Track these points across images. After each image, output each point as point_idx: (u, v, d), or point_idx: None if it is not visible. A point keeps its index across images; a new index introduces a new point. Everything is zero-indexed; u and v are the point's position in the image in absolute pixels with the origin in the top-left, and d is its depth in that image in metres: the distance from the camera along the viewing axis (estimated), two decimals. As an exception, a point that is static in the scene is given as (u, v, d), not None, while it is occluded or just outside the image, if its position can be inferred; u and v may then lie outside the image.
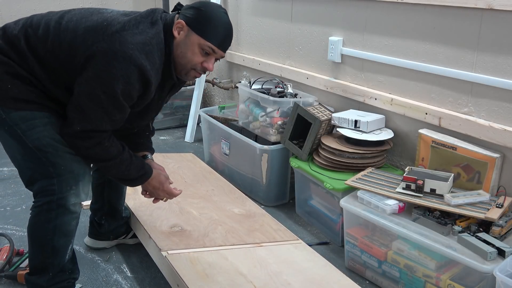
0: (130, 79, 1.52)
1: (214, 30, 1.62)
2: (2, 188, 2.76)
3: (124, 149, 1.68)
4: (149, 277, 2.02)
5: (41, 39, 1.58)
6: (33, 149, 1.59)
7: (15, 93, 1.57)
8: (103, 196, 2.08)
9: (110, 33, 1.52)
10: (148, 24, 1.58)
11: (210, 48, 1.62)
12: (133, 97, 1.58)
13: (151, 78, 1.56)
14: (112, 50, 1.50)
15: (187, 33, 1.61)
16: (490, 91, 1.97)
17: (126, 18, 1.59)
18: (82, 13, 1.63)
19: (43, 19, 1.62)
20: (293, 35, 2.93)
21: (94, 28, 1.56)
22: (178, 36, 1.62)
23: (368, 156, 2.28)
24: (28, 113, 1.59)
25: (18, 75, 1.57)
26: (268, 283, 1.71)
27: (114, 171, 1.69)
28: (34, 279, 1.74)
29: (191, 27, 1.61)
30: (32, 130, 1.59)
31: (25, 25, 1.62)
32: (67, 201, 1.64)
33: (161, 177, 1.81)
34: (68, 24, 1.59)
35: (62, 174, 1.62)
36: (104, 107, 1.54)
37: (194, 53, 1.62)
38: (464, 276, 1.72)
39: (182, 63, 1.65)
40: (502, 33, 1.89)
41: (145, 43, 1.54)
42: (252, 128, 2.71)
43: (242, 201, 2.37)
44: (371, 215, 1.93)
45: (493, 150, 1.96)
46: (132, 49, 1.50)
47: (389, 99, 2.35)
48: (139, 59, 1.51)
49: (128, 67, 1.50)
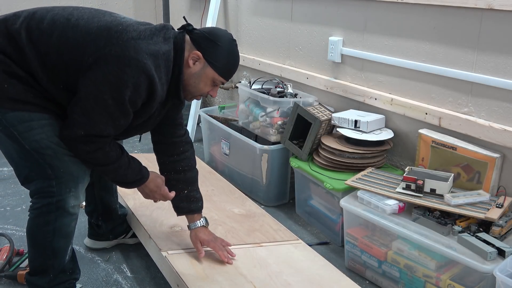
0: (140, 88, 1.51)
1: (228, 66, 1.67)
2: (2, 188, 2.76)
3: (123, 153, 1.67)
4: (149, 277, 2.02)
5: (45, 33, 1.54)
6: (31, 151, 1.57)
7: (12, 93, 1.53)
8: (95, 197, 2.06)
9: (126, 39, 1.51)
10: (161, 39, 1.58)
11: (221, 82, 1.69)
12: (138, 105, 1.57)
13: (157, 90, 1.56)
14: (126, 56, 1.48)
15: (203, 66, 1.64)
16: (490, 91, 1.97)
17: (141, 27, 1.57)
18: (92, 13, 1.61)
19: (49, 14, 1.58)
20: (293, 35, 2.93)
21: (108, 30, 1.53)
22: (193, 67, 1.63)
23: (368, 156, 2.28)
24: (25, 114, 1.55)
25: (15, 74, 1.53)
26: (268, 283, 1.71)
27: (112, 175, 1.68)
28: (35, 280, 1.74)
29: (208, 62, 1.63)
30: (29, 132, 1.56)
31: (27, 18, 1.57)
32: (66, 203, 1.63)
33: (158, 180, 1.79)
34: (79, 21, 1.55)
35: (61, 176, 1.60)
36: (110, 112, 1.52)
37: (206, 85, 1.67)
38: (464, 276, 1.72)
39: (191, 91, 1.68)
40: (502, 33, 1.89)
41: (157, 57, 1.54)
42: (252, 128, 2.71)
43: (242, 201, 2.37)
44: (371, 215, 1.93)
45: (493, 150, 1.96)
46: (146, 58, 1.50)
47: (389, 99, 2.35)
48: (151, 70, 1.51)
49: (140, 75, 1.49)
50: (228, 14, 3.52)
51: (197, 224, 1.84)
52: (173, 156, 1.83)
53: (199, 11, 3.83)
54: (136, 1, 4.28)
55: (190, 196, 1.85)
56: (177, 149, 1.83)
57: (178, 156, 1.83)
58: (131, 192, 2.28)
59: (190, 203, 1.85)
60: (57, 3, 3.82)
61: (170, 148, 1.83)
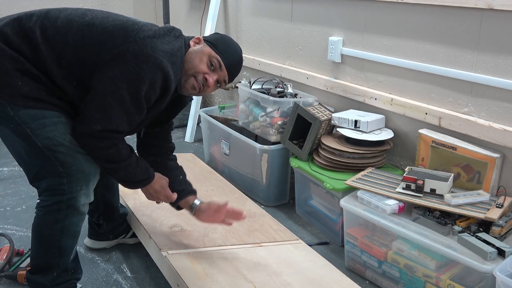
0: (155, 84, 1.55)
1: (227, 49, 1.71)
2: (2, 188, 2.76)
3: (132, 151, 1.69)
4: (149, 277, 2.02)
5: (60, 31, 1.56)
6: (43, 148, 1.57)
7: (25, 91, 1.55)
8: (96, 196, 2.05)
9: (142, 37, 1.56)
10: (173, 37, 1.64)
11: (218, 62, 1.68)
12: (152, 101, 1.61)
13: (171, 87, 1.60)
14: (144, 53, 1.52)
15: (202, 46, 1.71)
16: (490, 91, 1.97)
17: (155, 27, 1.64)
18: (105, 13, 1.66)
19: (62, 13, 1.61)
20: (293, 35, 2.93)
21: (125, 28, 1.58)
22: (192, 47, 1.70)
23: (368, 156, 2.28)
24: (38, 112, 1.57)
25: (28, 72, 1.55)
26: (268, 283, 1.71)
27: (122, 173, 1.68)
28: (37, 278, 1.73)
29: (207, 43, 1.71)
30: (42, 129, 1.57)
31: (41, 17, 1.59)
32: (77, 201, 1.64)
33: (162, 181, 1.82)
34: (94, 20, 1.60)
35: (73, 174, 1.61)
36: (127, 108, 1.55)
37: (201, 61, 1.68)
38: (464, 276, 1.72)
39: (186, 69, 1.67)
40: (502, 33, 1.89)
41: (172, 54, 1.59)
42: (252, 128, 2.71)
43: (242, 201, 2.37)
44: (371, 215, 1.93)
45: (493, 150, 1.96)
46: (162, 56, 1.55)
47: (389, 99, 2.35)
48: (167, 67, 1.55)
49: (156, 72, 1.54)
50: (228, 14, 3.52)
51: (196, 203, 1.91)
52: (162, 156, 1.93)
53: (199, 11, 3.83)
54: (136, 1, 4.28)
55: (186, 180, 1.95)
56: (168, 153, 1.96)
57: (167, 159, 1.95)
58: (131, 192, 2.28)
59: (187, 185, 1.94)
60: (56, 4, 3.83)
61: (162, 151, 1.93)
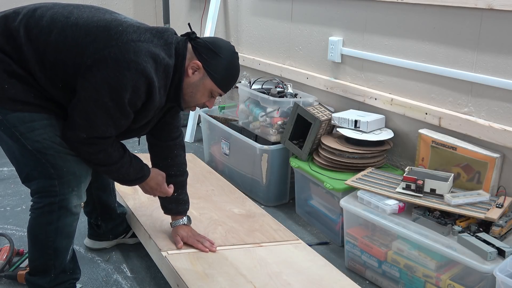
0: (139, 90, 1.51)
1: (228, 79, 1.68)
2: (2, 188, 2.76)
3: (125, 152, 1.67)
4: (149, 277, 2.02)
5: (44, 31, 1.52)
6: (33, 151, 1.56)
7: (12, 94, 1.52)
8: (92, 197, 2.05)
9: (125, 41, 1.49)
10: (163, 42, 1.56)
11: (219, 94, 1.69)
12: (138, 105, 1.57)
13: (156, 93, 1.55)
14: (126, 59, 1.47)
15: (202, 76, 1.63)
16: (490, 91, 1.97)
17: (142, 28, 1.56)
18: (92, 12, 1.59)
19: (49, 12, 1.56)
20: (293, 35, 2.93)
21: (108, 30, 1.51)
22: (191, 76, 1.63)
23: (368, 156, 2.28)
24: (26, 115, 1.54)
25: (15, 73, 1.52)
26: (268, 283, 1.71)
27: (115, 174, 1.69)
28: (35, 279, 1.74)
29: (207, 72, 1.63)
30: (31, 132, 1.55)
31: (27, 16, 1.55)
32: (69, 202, 1.63)
33: (159, 177, 1.81)
34: (78, 20, 1.54)
35: (64, 175, 1.60)
36: (111, 114, 1.52)
37: (203, 95, 1.67)
38: (464, 276, 1.72)
39: (188, 101, 1.67)
40: (502, 33, 1.89)
41: (157, 61, 1.52)
42: (252, 128, 2.71)
43: (242, 201, 2.37)
44: (371, 215, 1.93)
45: (493, 150, 1.96)
46: (145, 61, 1.49)
47: (389, 99, 2.35)
48: (150, 73, 1.50)
49: (139, 78, 1.49)
50: (228, 14, 3.52)
51: (179, 222, 1.91)
52: (167, 159, 1.86)
53: (199, 11, 3.83)
54: (136, 1, 4.28)
55: (179, 199, 1.92)
56: (171, 152, 1.86)
57: (172, 160, 1.86)
58: (131, 192, 2.28)
59: (178, 205, 1.92)
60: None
61: (165, 151, 1.86)
